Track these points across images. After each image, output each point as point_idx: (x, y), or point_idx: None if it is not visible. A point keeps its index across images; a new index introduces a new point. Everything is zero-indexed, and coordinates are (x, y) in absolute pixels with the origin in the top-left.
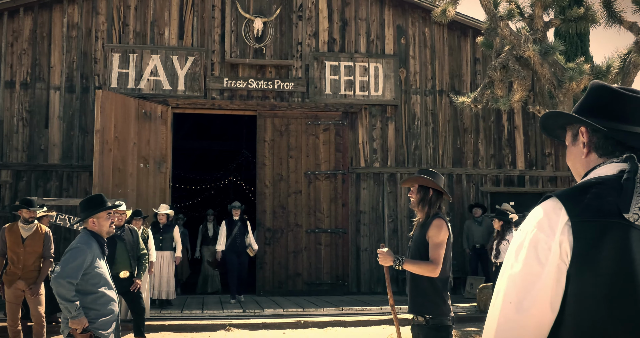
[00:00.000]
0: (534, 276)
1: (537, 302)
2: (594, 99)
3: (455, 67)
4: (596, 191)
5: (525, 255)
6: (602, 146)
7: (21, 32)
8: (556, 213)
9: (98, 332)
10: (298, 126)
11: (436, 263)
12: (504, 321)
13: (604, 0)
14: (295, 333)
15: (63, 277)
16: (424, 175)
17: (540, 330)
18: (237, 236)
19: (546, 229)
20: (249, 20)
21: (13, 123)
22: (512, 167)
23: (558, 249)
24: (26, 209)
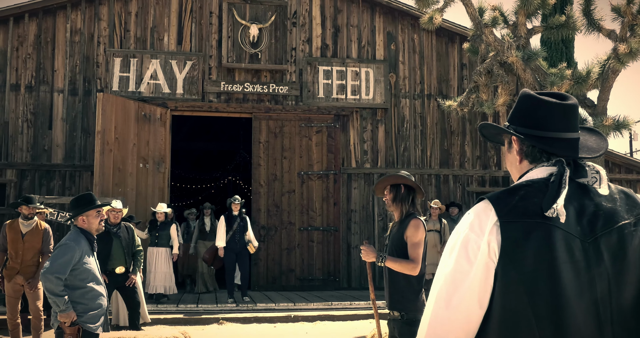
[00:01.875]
0: (463, 274)
1: (466, 298)
2: (520, 108)
3: (442, 72)
4: (524, 193)
5: (456, 254)
6: (530, 154)
7: (26, 37)
8: (486, 214)
9: (86, 325)
10: (292, 128)
11: (416, 262)
12: (434, 317)
13: (584, 9)
14: (285, 326)
15: (51, 273)
16: (390, 175)
17: (468, 325)
18: (237, 232)
19: (476, 229)
20: (245, 26)
21: (18, 124)
22: (497, 168)
23: (487, 248)
24: (26, 206)
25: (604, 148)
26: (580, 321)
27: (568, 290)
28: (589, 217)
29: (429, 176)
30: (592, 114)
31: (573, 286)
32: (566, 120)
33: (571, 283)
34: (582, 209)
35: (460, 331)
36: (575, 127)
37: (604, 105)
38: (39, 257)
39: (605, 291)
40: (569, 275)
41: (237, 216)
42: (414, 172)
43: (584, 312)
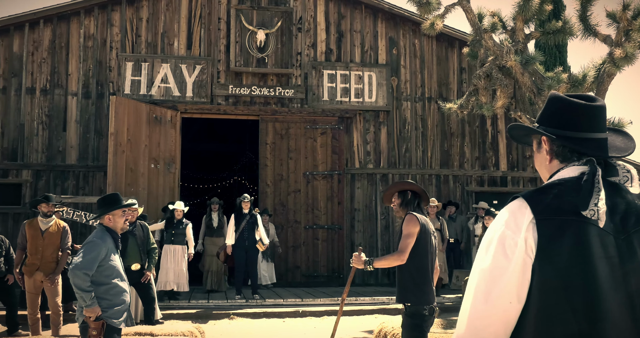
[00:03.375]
0: (501, 270)
1: (504, 293)
2: (550, 110)
3: (442, 76)
4: (557, 191)
5: (494, 251)
6: (561, 153)
7: (41, 42)
8: (522, 212)
9: (110, 320)
10: (297, 129)
11: (400, 251)
12: (474, 311)
13: (580, 14)
14: (294, 321)
15: (79, 269)
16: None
17: (507, 319)
18: (245, 230)
19: (513, 226)
20: (252, 32)
21: (33, 127)
22: (496, 168)
23: (524, 244)
24: (45, 204)
25: (633, 147)
26: (616, 314)
27: (603, 284)
28: (621, 215)
29: (429, 176)
30: None
31: (608, 281)
32: (594, 121)
33: (606, 278)
34: (614, 207)
35: (499, 324)
36: (603, 128)
37: None
38: (57, 254)
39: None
40: (604, 270)
41: (247, 214)
42: (415, 172)
43: (619, 305)
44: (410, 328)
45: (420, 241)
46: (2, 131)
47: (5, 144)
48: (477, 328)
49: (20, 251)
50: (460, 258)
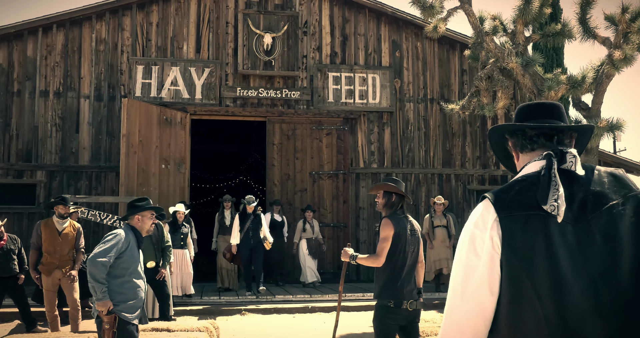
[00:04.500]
0: (473, 268)
1: (478, 288)
2: (515, 115)
3: (444, 77)
4: (519, 188)
5: (466, 250)
6: (518, 145)
7: (54, 46)
8: (487, 211)
9: (122, 314)
10: (303, 130)
11: (377, 255)
12: (453, 307)
13: (580, 17)
14: (303, 317)
15: (98, 257)
16: (388, 182)
17: (483, 312)
18: (250, 229)
19: (481, 225)
20: (259, 35)
21: (47, 128)
22: (496, 167)
23: (490, 242)
24: (62, 206)
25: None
26: (577, 298)
27: (564, 271)
28: (578, 203)
29: (432, 175)
30: (587, 117)
31: (568, 267)
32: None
33: (567, 265)
34: (572, 196)
35: (477, 318)
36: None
37: (597, 108)
38: (73, 253)
39: (601, 269)
40: (564, 257)
41: (251, 214)
42: (418, 171)
43: (581, 289)
44: (374, 318)
45: (394, 244)
46: (16, 133)
47: (20, 146)
48: (457, 322)
49: (35, 251)
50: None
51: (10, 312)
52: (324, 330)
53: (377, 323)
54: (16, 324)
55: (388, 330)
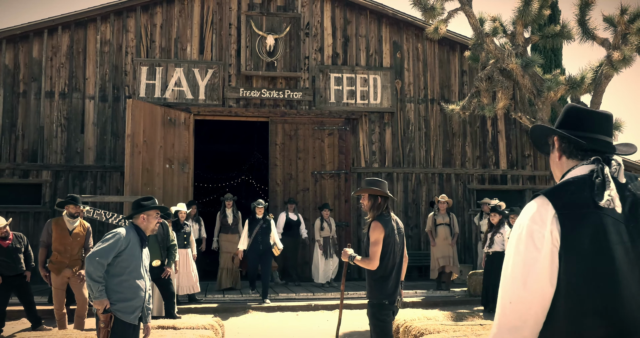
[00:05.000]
0: (533, 260)
1: (539, 279)
2: (565, 116)
3: (444, 78)
4: (574, 188)
5: (524, 244)
6: (567, 150)
7: (59, 47)
8: (544, 208)
9: (118, 314)
10: (305, 131)
11: (371, 258)
12: (515, 297)
13: (579, 19)
14: (307, 315)
15: (95, 256)
16: (372, 186)
17: (543, 301)
18: (259, 235)
19: (538, 221)
20: (262, 37)
21: (52, 129)
22: (496, 167)
23: (550, 236)
24: (73, 205)
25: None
26: (633, 290)
27: (621, 265)
28: (629, 205)
29: (432, 174)
30: None
31: (624, 262)
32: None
33: (623, 260)
34: (622, 199)
35: (538, 306)
36: (608, 133)
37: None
38: (82, 252)
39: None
40: (621, 253)
41: (260, 219)
42: (418, 171)
43: (636, 282)
44: (371, 317)
45: (384, 245)
46: (22, 133)
47: (26, 146)
48: (519, 311)
49: (44, 249)
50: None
51: (18, 310)
52: (327, 328)
53: (375, 321)
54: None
55: (387, 326)
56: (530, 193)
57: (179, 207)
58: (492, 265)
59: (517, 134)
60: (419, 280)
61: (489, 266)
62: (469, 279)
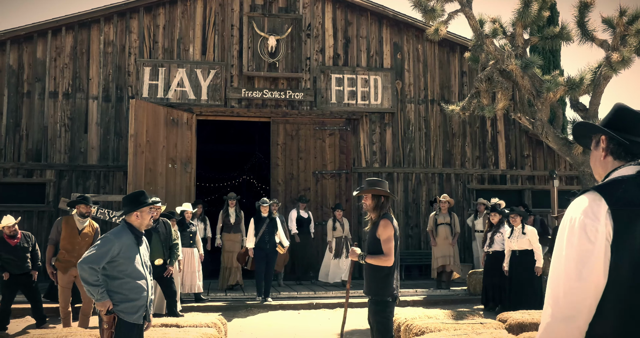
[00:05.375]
0: (587, 252)
1: (594, 271)
2: (614, 116)
3: (444, 79)
4: (625, 186)
5: (577, 237)
6: (616, 152)
7: (63, 48)
8: (597, 203)
9: (121, 314)
10: (307, 131)
11: (388, 255)
12: (568, 288)
13: (578, 20)
14: (308, 313)
15: (86, 262)
16: (374, 186)
17: (597, 292)
18: (265, 234)
19: (591, 215)
20: (263, 38)
21: (56, 129)
22: (495, 167)
23: (604, 230)
24: (84, 205)
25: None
26: None
27: None
28: None
29: (432, 174)
30: (584, 117)
31: None
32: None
33: None
34: None
35: (591, 297)
36: None
37: (595, 109)
38: None
39: None
40: None
41: (266, 217)
42: (418, 171)
43: None
44: (376, 314)
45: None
46: (26, 133)
47: (30, 146)
48: (574, 302)
49: (52, 246)
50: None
51: (22, 308)
52: (329, 326)
53: (380, 319)
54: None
55: (390, 323)
56: (529, 193)
57: (185, 207)
58: (492, 265)
59: (516, 135)
60: (420, 279)
61: (489, 266)
62: (468, 278)
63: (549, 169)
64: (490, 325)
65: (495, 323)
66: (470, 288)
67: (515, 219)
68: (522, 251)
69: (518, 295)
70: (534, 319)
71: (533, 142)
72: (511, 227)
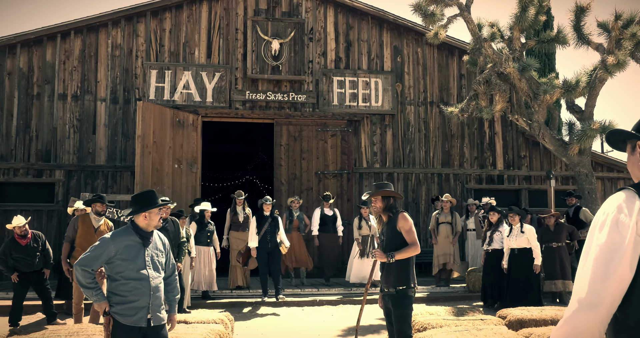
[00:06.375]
0: (616, 245)
1: (620, 264)
2: None
3: (443, 82)
4: None
5: (608, 230)
6: None
7: (72, 51)
8: (631, 200)
9: (116, 316)
10: (309, 132)
11: (416, 244)
12: (595, 277)
13: (575, 25)
14: (312, 309)
15: (79, 265)
16: (384, 189)
17: (621, 285)
18: (268, 232)
19: (625, 211)
20: (267, 41)
21: (65, 130)
22: (493, 167)
23: (635, 226)
24: (100, 203)
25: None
26: None
27: None
28: None
29: (432, 174)
30: (580, 119)
31: None
32: None
33: None
34: None
35: (616, 288)
36: None
37: (590, 111)
38: None
39: None
40: None
41: (269, 216)
42: (418, 171)
43: None
44: (404, 307)
45: None
46: (36, 134)
47: (40, 147)
48: (599, 293)
49: (68, 244)
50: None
51: (33, 305)
52: (333, 322)
53: (408, 311)
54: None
55: (411, 315)
56: (526, 192)
57: (204, 206)
58: (492, 262)
59: (513, 136)
60: (420, 276)
61: (488, 264)
62: (467, 276)
63: (545, 170)
64: (490, 322)
65: (495, 319)
66: (469, 285)
67: (514, 218)
68: (521, 249)
69: (517, 292)
70: (533, 315)
71: (530, 143)
72: (510, 226)
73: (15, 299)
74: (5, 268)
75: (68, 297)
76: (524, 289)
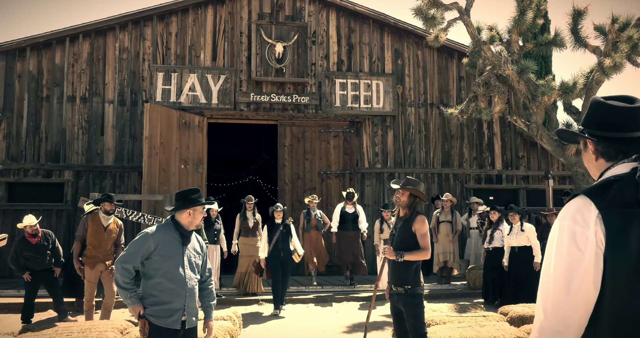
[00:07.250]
0: (577, 262)
1: (584, 282)
2: (593, 114)
3: (443, 84)
4: (617, 187)
5: (567, 246)
6: (606, 153)
7: (80, 54)
8: (587, 208)
9: (151, 319)
10: (312, 133)
11: (427, 249)
12: (558, 301)
13: (572, 28)
14: (317, 307)
15: (119, 262)
16: (415, 187)
17: (587, 305)
18: (280, 241)
19: (580, 222)
20: (271, 44)
21: (74, 131)
22: (492, 167)
23: (594, 237)
24: (108, 203)
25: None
26: None
27: None
28: None
29: (432, 175)
30: (577, 120)
31: None
32: (635, 121)
33: None
34: None
35: (582, 311)
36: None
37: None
38: (114, 247)
39: None
40: None
41: (280, 224)
42: (418, 171)
43: None
44: (417, 306)
45: None
46: (46, 136)
47: (49, 147)
48: (563, 315)
49: (78, 243)
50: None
51: (45, 302)
52: (337, 319)
53: (420, 310)
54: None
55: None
56: (524, 192)
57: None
58: (492, 260)
59: (511, 137)
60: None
61: (489, 262)
62: (468, 273)
63: (542, 170)
64: (492, 318)
65: (497, 316)
66: (469, 283)
67: (514, 217)
68: (521, 247)
69: (517, 289)
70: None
71: (527, 143)
72: (510, 225)
73: (26, 297)
74: (16, 267)
75: (78, 295)
76: (523, 286)
